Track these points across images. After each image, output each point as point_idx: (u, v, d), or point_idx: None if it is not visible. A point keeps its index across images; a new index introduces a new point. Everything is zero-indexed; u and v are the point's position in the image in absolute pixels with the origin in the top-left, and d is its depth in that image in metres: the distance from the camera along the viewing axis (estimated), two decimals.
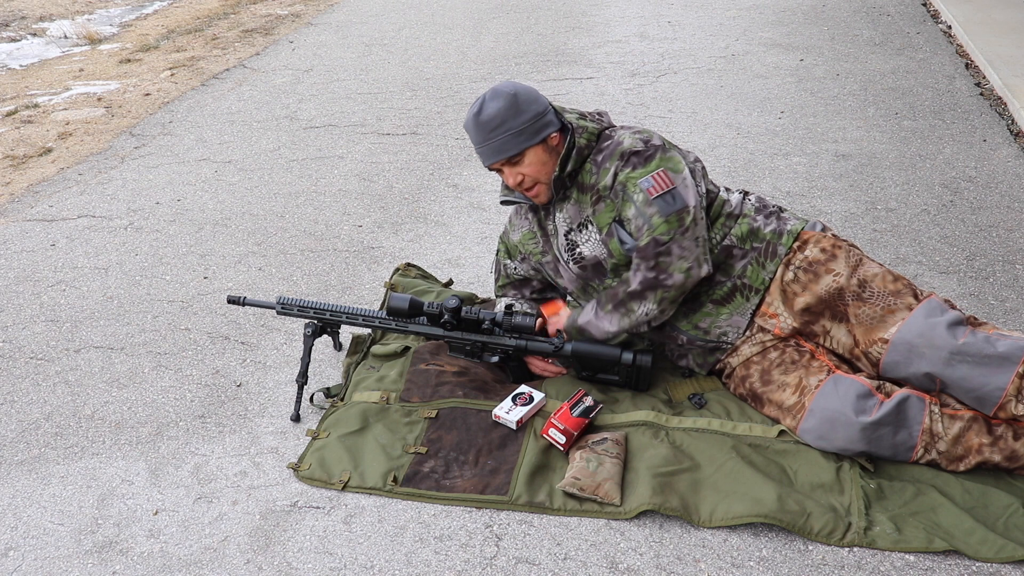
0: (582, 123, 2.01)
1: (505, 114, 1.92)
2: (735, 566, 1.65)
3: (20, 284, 2.91)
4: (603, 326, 2.01)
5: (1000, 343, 1.74)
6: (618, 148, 1.96)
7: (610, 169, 1.96)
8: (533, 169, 1.98)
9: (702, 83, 4.61)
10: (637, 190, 1.91)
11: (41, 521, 1.87)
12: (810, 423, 1.85)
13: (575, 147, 1.98)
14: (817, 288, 1.92)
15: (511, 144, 1.94)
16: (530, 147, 1.95)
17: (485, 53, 5.48)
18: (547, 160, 1.98)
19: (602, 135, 2.03)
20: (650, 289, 1.91)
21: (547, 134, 1.97)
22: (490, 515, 1.80)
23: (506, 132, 1.93)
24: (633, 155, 1.94)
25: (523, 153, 1.96)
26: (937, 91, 4.28)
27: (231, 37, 6.39)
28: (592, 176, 1.99)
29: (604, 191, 1.97)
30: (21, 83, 5.54)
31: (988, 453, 1.75)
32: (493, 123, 1.93)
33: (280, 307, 2.17)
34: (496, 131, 1.93)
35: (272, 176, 3.73)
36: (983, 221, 2.97)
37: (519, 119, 1.93)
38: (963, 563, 1.62)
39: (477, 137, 1.97)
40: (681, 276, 1.89)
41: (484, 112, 1.94)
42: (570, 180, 2.03)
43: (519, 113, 1.93)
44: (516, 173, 1.99)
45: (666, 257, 1.89)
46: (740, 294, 2.00)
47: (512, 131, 1.93)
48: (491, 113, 1.93)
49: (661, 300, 1.92)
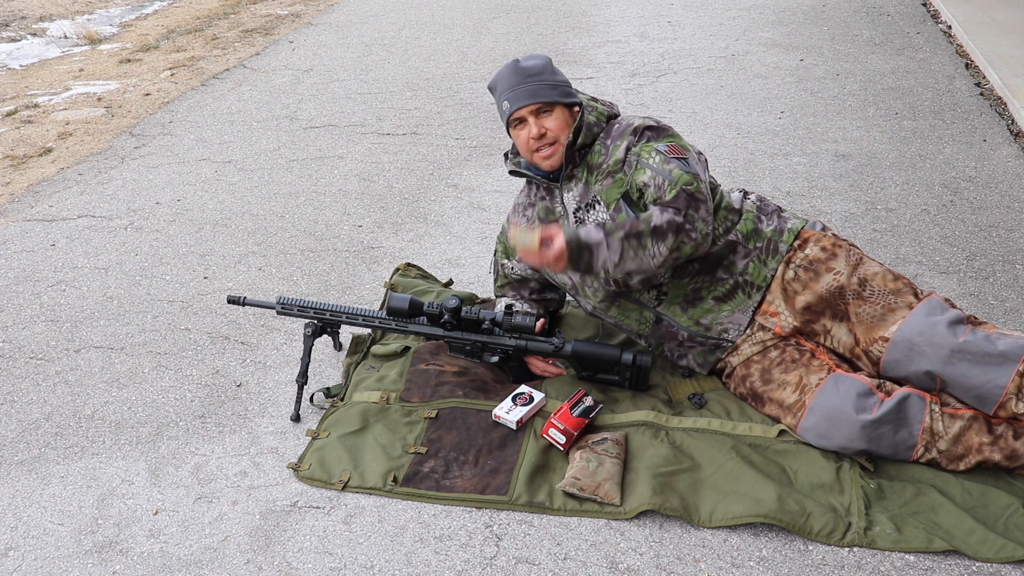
0: (593, 103, 2.09)
1: (544, 68, 2.03)
2: (735, 566, 1.65)
3: (20, 284, 2.91)
4: (605, 252, 1.85)
5: (1000, 342, 1.74)
6: (628, 127, 2.02)
7: (621, 145, 2.00)
8: (557, 125, 2.02)
9: (702, 83, 4.60)
10: (653, 152, 1.94)
11: (41, 521, 1.87)
12: (810, 421, 1.85)
13: (585, 122, 2.03)
14: (818, 287, 1.93)
15: (547, 92, 2.01)
16: (560, 104, 2.02)
17: (485, 53, 5.48)
18: (568, 125, 2.04)
19: (611, 120, 2.09)
20: (673, 232, 1.83)
21: (574, 101, 2.06)
22: (490, 515, 1.80)
23: (544, 81, 2.01)
24: (647, 129, 2.00)
25: (554, 106, 2.02)
26: (937, 91, 4.28)
27: (231, 37, 6.39)
28: (600, 156, 2.03)
29: (614, 166, 2.00)
30: (21, 83, 5.54)
31: (988, 452, 1.75)
32: (534, 70, 2.02)
33: (280, 307, 2.17)
34: (535, 77, 2.01)
35: (272, 176, 3.73)
36: (983, 221, 2.97)
37: (557, 76, 2.05)
38: (963, 563, 1.62)
39: (513, 80, 2.02)
40: (700, 235, 1.86)
41: (525, 61, 2.04)
42: (579, 157, 2.06)
43: (555, 73, 2.05)
44: (541, 125, 2.02)
45: (694, 210, 1.85)
46: (742, 291, 2.00)
47: (549, 83, 2.02)
48: (533, 63, 2.03)
49: (676, 248, 1.84)
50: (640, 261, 1.85)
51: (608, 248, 1.84)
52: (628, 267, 1.86)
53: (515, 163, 2.15)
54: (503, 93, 2.03)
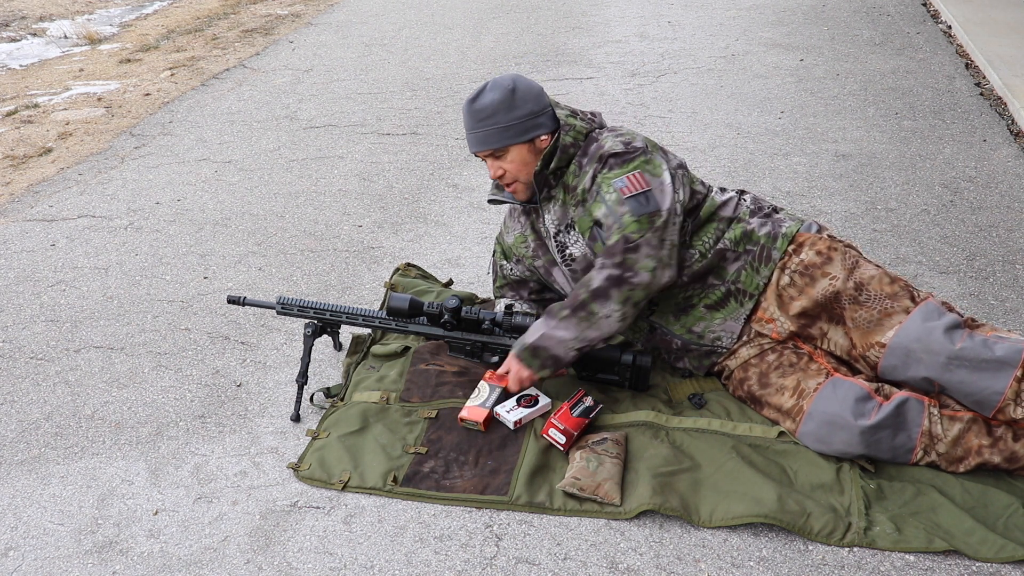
0: (571, 120, 2.01)
1: (497, 107, 1.94)
2: (735, 566, 1.65)
3: (20, 284, 2.91)
4: (558, 335, 1.87)
5: (998, 347, 1.74)
6: (599, 151, 1.96)
7: (589, 172, 1.96)
8: (514, 167, 2.00)
9: (702, 83, 4.60)
10: (611, 189, 1.89)
11: (41, 521, 1.87)
12: (809, 427, 1.85)
13: (559, 145, 1.98)
14: (813, 292, 1.91)
15: (496, 138, 1.96)
16: (514, 145, 1.97)
17: (485, 53, 5.48)
18: (530, 161, 2.00)
19: (589, 136, 2.02)
20: (615, 287, 1.83)
21: (535, 135, 1.98)
22: (490, 515, 1.80)
23: (494, 125, 1.95)
24: (611, 157, 1.93)
25: (507, 149, 1.98)
26: (937, 91, 4.28)
27: (231, 37, 6.39)
28: (575, 178, 2.00)
29: (583, 194, 1.98)
30: (21, 83, 5.54)
31: (988, 454, 1.75)
32: (484, 113, 1.95)
33: (280, 307, 2.17)
34: (485, 122, 1.96)
35: (272, 176, 3.73)
36: (983, 221, 2.97)
37: (510, 115, 1.95)
38: (963, 563, 1.62)
39: (467, 123, 2.00)
40: (647, 275, 1.82)
41: (479, 101, 1.96)
42: (555, 179, 2.03)
43: (512, 108, 1.94)
44: (497, 166, 2.02)
45: (633, 254, 1.82)
46: (734, 299, 1.99)
47: (500, 125, 1.95)
48: (484, 103, 1.95)
49: (625, 301, 1.83)
50: (599, 327, 1.86)
51: (558, 333, 1.87)
52: (591, 337, 1.87)
53: (494, 193, 2.17)
54: (465, 132, 2.04)
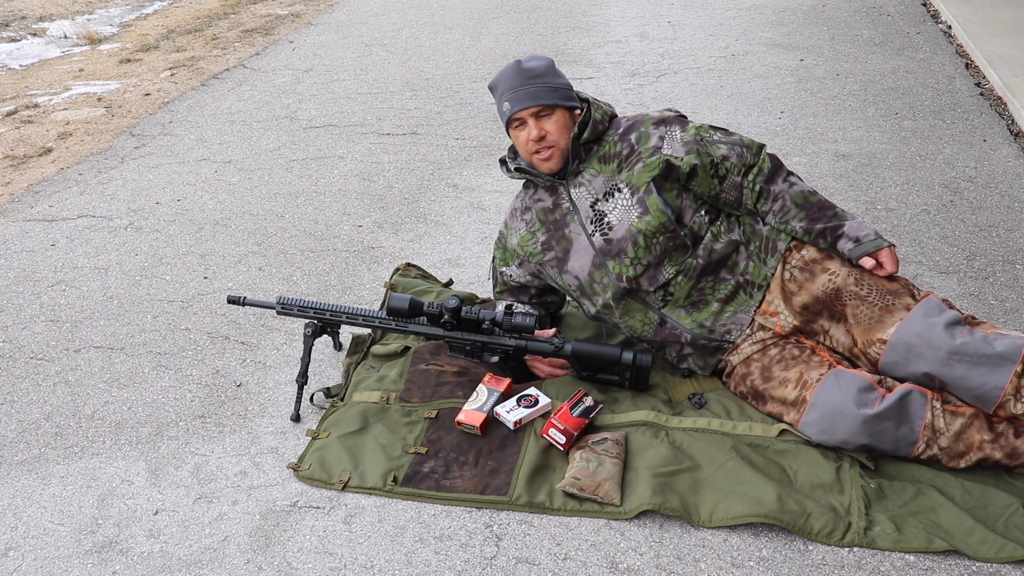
0: (596, 102, 2.10)
1: (547, 69, 2.04)
2: (735, 566, 1.65)
3: (20, 284, 2.91)
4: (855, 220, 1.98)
5: (998, 342, 1.74)
6: (648, 118, 2.07)
7: (652, 133, 2.04)
8: (556, 128, 2.03)
9: (702, 83, 4.61)
10: (712, 131, 2.05)
11: (41, 521, 1.87)
12: (812, 416, 1.85)
13: (592, 119, 2.05)
14: (813, 287, 1.93)
15: (548, 95, 2.01)
16: (560, 107, 2.03)
17: (485, 53, 5.48)
18: (568, 128, 2.05)
19: (614, 118, 2.12)
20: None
21: (574, 105, 2.06)
22: (490, 515, 1.80)
23: (546, 84, 2.02)
24: (678, 117, 2.07)
25: (554, 109, 2.02)
26: (937, 91, 4.28)
27: (231, 37, 6.39)
28: (616, 146, 2.06)
29: (645, 152, 2.02)
30: (21, 83, 5.54)
31: (989, 450, 1.75)
32: (536, 71, 2.02)
33: (280, 307, 2.17)
34: (537, 79, 2.02)
35: (272, 176, 3.73)
36: (983, 221, 2.97)
37: (559, 79, 2.05)
38: (963, 563, 1.62)
39: (515, 81, 2.02)
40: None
41: (527, 62, 2.04)
42: (585, 153, 2.07)
43: (558, 76, 2.06)
44: (541, 127, 2.02)
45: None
46: (743, 291, 2.00)
47: (551, 85, 2.02)
48: (535, 64, 2.03)
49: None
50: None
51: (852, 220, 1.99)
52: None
53: (517, 164, 2.14)
54: (504, 94, 2.03)
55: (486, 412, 1.99)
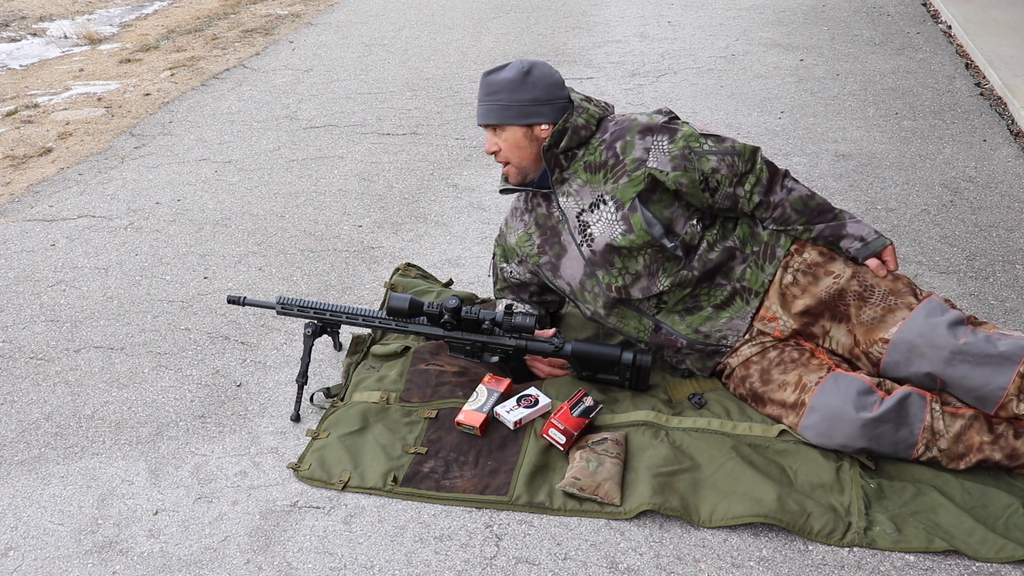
0: (585, 104, 2.04)
1: (505, 85, 1.99)
2: (735, 566, 1.65)
3: (20, 284, 2.91)
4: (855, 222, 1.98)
5: (1001, 342, 1.74)
6: (635, 124, 1.98)
7: (637, 144, 1.96)
8: (507, 147, 2.03)
9: (702, 83, 4.60)
10: (703, 141, 1.96)
11: (41, 521, 1.87)
12: (811, 420, 1.85)
13: (571, 125, 1.99)
14: (817, 290, 1.92)
15: (496, 114, 2.01)
16: (512, 125, 2.01)
17: (485, 53, 5.48)
18: (524, 146, 2.03)
19: (603, 121, 2.05)
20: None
21: (534, 122, 2.00)
22: (490, 515, 1.80)
23: (497, 102, 2.00)
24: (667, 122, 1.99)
25: (504, 127, 2.01)
26: (937, 91, 4.28)
27: (231, 37, 6.39)
28: (601, 155, 2.00)
29: (631, 165, 1.96)
30: (21, 83, 5.54)
31: (989, 451, 1.75)
32: (492, 88, 2.00)
33: (280, 307, 2.17)
34: (491, 96, 2.01)
35: (272, 176, 3.73)
36: (983, 221, 2.97)
37: (514, 95, 1.99)
38: (963, 563, 1.62)
39: (479, 92, 2.05)
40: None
41: (493, 75, 2.02)
42: (567, 160, 2.03)
43: (518, 90, 1.99)
44: (494, 142, 2.05)
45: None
46: (740, 297, 2.00)
47: (502, 103, 1.99)
48: (496, 78, 2.00)
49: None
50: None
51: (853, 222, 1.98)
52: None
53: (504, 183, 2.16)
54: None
55: (486, 413, 1.99)
